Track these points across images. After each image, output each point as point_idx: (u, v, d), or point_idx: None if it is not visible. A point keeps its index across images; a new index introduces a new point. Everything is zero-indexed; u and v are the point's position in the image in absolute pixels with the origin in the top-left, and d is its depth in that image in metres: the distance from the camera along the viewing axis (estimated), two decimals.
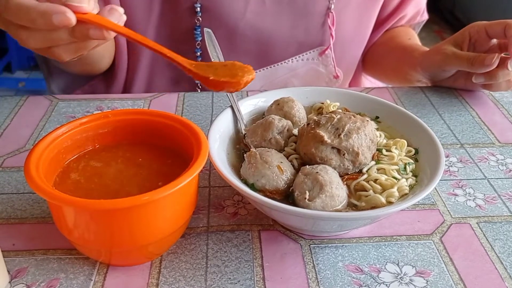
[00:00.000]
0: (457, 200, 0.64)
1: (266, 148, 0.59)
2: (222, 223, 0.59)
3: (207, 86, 0.52)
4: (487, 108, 0.86)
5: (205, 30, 0.69)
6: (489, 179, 0.68)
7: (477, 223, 0.60)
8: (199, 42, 0.91)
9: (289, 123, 0.63)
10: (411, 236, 0.58)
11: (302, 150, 0.59)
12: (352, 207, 0.55)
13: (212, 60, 0.69)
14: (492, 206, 0.63)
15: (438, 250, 0.56)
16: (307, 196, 0.53)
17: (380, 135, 0.64)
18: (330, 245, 0.57)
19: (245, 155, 0.58)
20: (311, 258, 0.55)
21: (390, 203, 0.54)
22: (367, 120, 0.59)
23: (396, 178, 0.57)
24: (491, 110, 0.85)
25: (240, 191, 0.53)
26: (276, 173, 0.55)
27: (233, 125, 0.65)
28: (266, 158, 0.56)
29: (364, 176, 0.57)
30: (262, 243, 0.56)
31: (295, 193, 0.54)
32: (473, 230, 0.59)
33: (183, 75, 0.96)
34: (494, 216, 0.62)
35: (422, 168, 0.59)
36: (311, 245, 0.56)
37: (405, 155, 0.61)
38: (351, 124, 0.57)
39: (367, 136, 0.58)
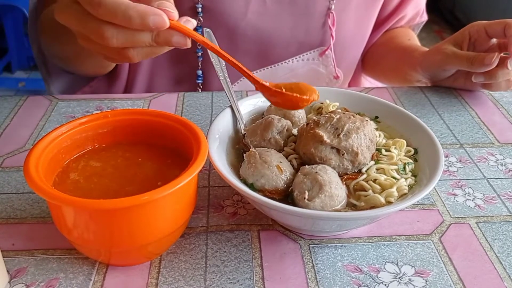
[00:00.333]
0: (456, 200, 0.64)
1: (266, 148, 0.59)
2: (221, 223, 0.59)
3: (278, 102, 0.56)
4: (486, 108, 0.86)
5: (204, 30, 0.69)
6: (488, 179, 0.68)
7: (476, 223, 0.60)
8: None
9: (288, 123, 0.63)
10: (410, 236, 0.58)
11: (301, 150, 0.59)
12: (351, 207, 0.55)
13: (212, 60, 0.69)
14: (492, 206, 0.63)
15: (437, 250, 0.56)
16: (306, 196, 0.53)
17: (379, 135, 0.64)
18: (329, 245, 0.57)
19: (244, 155, 0.58)
20: (311, 258, 0.55)
21: (389, 203, 0.54)
22: (367, 120, 0.59)
23: (395, 178, 0.57)
24: (490, 110, 0.85)
25: (239, 191, 0.53)
26: (275, 173, 0.55)
27: (232, 125, 0.65)
28: (266, 158, 0.56)
29: (364, 176, 0.57)
30: (261, 243, 0.56)
31: (295, 193, 0.54)
32: (472, 230, 0.59)
33: (184, 76, 0.96)
34: (493, 216, 0.62)
35: (421, 168, 0.59)
36: (310, 245, 0.56)
37: (404, 155, 0.61)
38: (351, 124, 0.58)
39: (367, 136, 0.58)
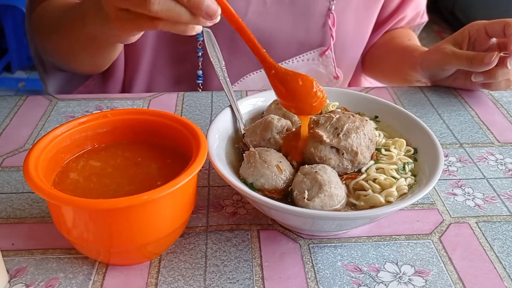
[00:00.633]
0: (456, 200, 0.64)
1: (265, 148, 0.59)
2: (221, 222, 0.59)
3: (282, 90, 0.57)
4: (486, 107, 0.86)
5: (204, 30, 0.69)
6: (488, 179, 0.68)
7: (476, 222, 0.60)
8: (201, 42, 0.91)
9: (288, 123, 0.63)
10: (410, 236, 0.58)
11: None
12: (351, 206, 0.55)
13: (212, 60, 0.69)
14: (491, 205, 0.63)
15: (437, 249, 0.56)
16: (306, 196, 0.53)
17: (379, 135, 0.64)
18: (329, 244, 0.57)
19: (244, 154, 0.58)
20: (310, 257, 0.55)
21: (389, 202, 0.54)
22: (366, 120, 0.59)
23: (395, 178, 0.57)
24: (490, 109, 0.85)
25: (239, 191, 0.53)
26: (275, 172, 0.55)
27: (232, 124, 0.65)
28: (265, 158, 0.56)
29: (363, 175, 0.57)
30: (261, 243, 0.56)
31: (294, 192, 0.54)
32: (472, 229, 0.59)
33: (184, 76, 0.96)
34: (493, 215, 0.62)
35: (421, 167, 0.59)
36: (310, 244, 0.56)
37: (404, 155, 0.61)
38: (350, 124, 0.57)
39: (366, 136, 0.58)
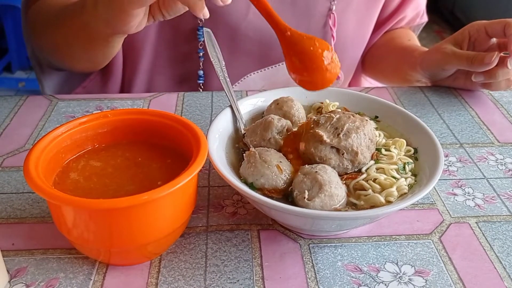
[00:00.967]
0: (456, 200, 0.64)
1: (265, 148, 0.59)
2: (221, 222, 0.59)
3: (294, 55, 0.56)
4: (486, 107, 0.86)
5: (204, 29, 0.69)
6: (488, 179, 0.68)
7: (476, 222, 0.60)
8: (202, 42, 0.91)
9: (288, 123, 0.63)
10: (410, 236, 0.58)
11: (301, 150, 0.59)
12: (351, 206, 0.55)
13: (212, 60, 0.69)
14: (491, 205, 0.63)
15: (437, 249, 0.56)
16: (306, 196, 0.53)
17: (379, 135, 0.64)
18: (329, 244, 0.57)
19: (244, 154, 0.58)
20: (310, 257, 0.55)
21: (389, 202, 0.54)
22: (366, 120, 0.59)
23: (395, 178, 0.57)
24: (490, 109, 0.85)
25: (239, 191, 0.53)
26: (275, 172, 0.55)
27: (232, 124, 0.65)
28: (265, 158, 0.56)
29: (363, 175, 0.57)
30: (261, 243, 0.56)
31: (294, 192, 0.54)
32: (472, 229, 0.59)
33: (185, 76, 0.96)
34: (493, 215, 0.62)
35: (421, 167, 0.59)
36: (310, 244, 0.56)
37: (404, 155, 0.61)
38: (350, 124, 0.57)
39: (366, 136, 0.58)
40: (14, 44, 2.72)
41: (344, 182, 0.56)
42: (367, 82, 1.15)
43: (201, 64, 0.94)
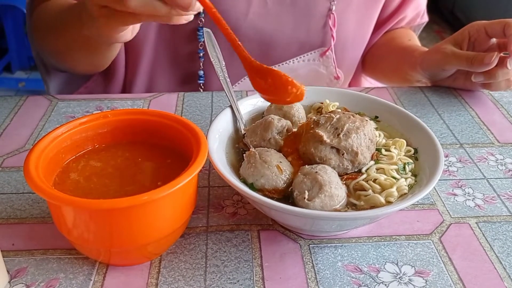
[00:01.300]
0: (456, 200, 0.64)
1: (266, 148, 0.59)
2: (221, 223, 0.59)
3: (263, 85, 0.58)
4: (486, 108, 0.86)
5: (204, 30, 0.70)
6: (488, 179, 0.68)
7: (476, 223, 0.60)
8: (202, 43, 0.91)
9: (288, 123, 0.63)
10: (410, 236, 0.58)
11: (301, 150, 0.59)
12: (351, 206, 0.55)
13: (212, 60, 0.69)
14: (491, 206, 0.63)
15: (437, 250, 0.56)
16: (306, 196, 0.53)
17: (379, 135, 0.64)
18: (329, 245, 0.57)
19: (244, 154, 0.58)
20: (310, 258, 0.55)
21: (389, 202, 0.54)
22: (366, 120, 0.59)
23: (395, 178, 0.57)
24: (490, 110, 0.85)
25: (239, 191, 0.53)
26: (275, 172, 0.55)
27: (232, 125, 0.65)
28: (265, 158, 0.56)
29: (363, 176, 0.57)
30: (261, 243, 0.56)
31: (294, 192, 0.54)
32: (472, 230, 0.59)
33: (185, 76, 0.96)
34: (493, 216, 0.62)
35: (421, 168, 0.59)
36: (310, 245, 0.56)
37: (404, 155, 0.61)
38: (350, 124, 0.58)
39: (366, 136, 0.58)
40: (14, 44, 2.72)
41: (344, 182, 0.56)
42: (367, 82, 1.15)
43: (201, 64, 0.94)
